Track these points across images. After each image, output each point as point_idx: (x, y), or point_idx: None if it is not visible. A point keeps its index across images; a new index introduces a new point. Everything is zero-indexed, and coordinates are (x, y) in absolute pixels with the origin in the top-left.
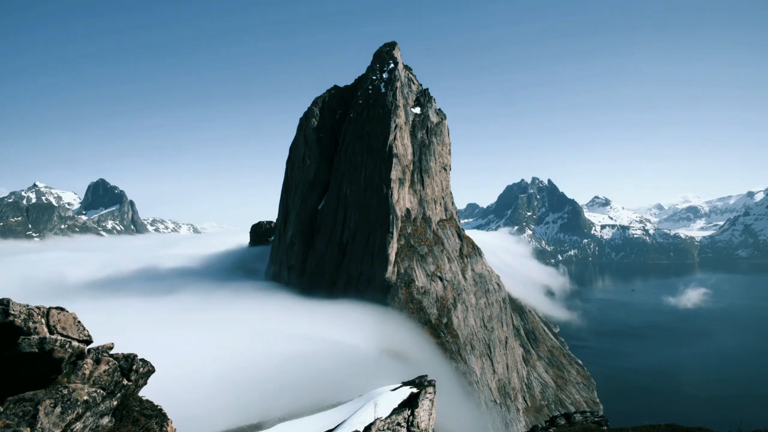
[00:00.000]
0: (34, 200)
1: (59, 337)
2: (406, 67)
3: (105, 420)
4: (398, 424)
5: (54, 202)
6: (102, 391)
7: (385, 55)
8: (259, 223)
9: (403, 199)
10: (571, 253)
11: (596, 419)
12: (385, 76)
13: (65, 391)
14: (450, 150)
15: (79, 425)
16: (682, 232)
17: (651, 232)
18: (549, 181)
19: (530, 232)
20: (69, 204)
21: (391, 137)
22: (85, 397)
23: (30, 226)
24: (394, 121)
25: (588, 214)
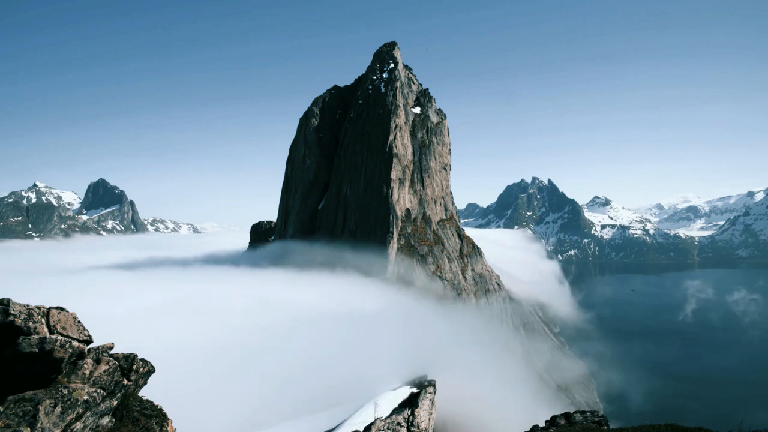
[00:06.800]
0: (34, 200)
1: (59, 337)
2: (406, 67)
3: (105, 420)
4: (398, 424)
5: (54, 202)
6: (102, 391)
7: (385, 55)
8: (259, 223)
9: (403, 199)
10: (571, 253)
11: (596, 419)
12: (385, 76)
13: (65, 391)
14: (450, 150)
15: (79, 425)
16: (682, 232)
17: (651, 232)
18: (549, 181)
19: (530, 232)
20: (69, 204)
21: (391, 137)
22: (85, 397)
23: (30, 226)
24: (394, 121)
25: (588, 214)
